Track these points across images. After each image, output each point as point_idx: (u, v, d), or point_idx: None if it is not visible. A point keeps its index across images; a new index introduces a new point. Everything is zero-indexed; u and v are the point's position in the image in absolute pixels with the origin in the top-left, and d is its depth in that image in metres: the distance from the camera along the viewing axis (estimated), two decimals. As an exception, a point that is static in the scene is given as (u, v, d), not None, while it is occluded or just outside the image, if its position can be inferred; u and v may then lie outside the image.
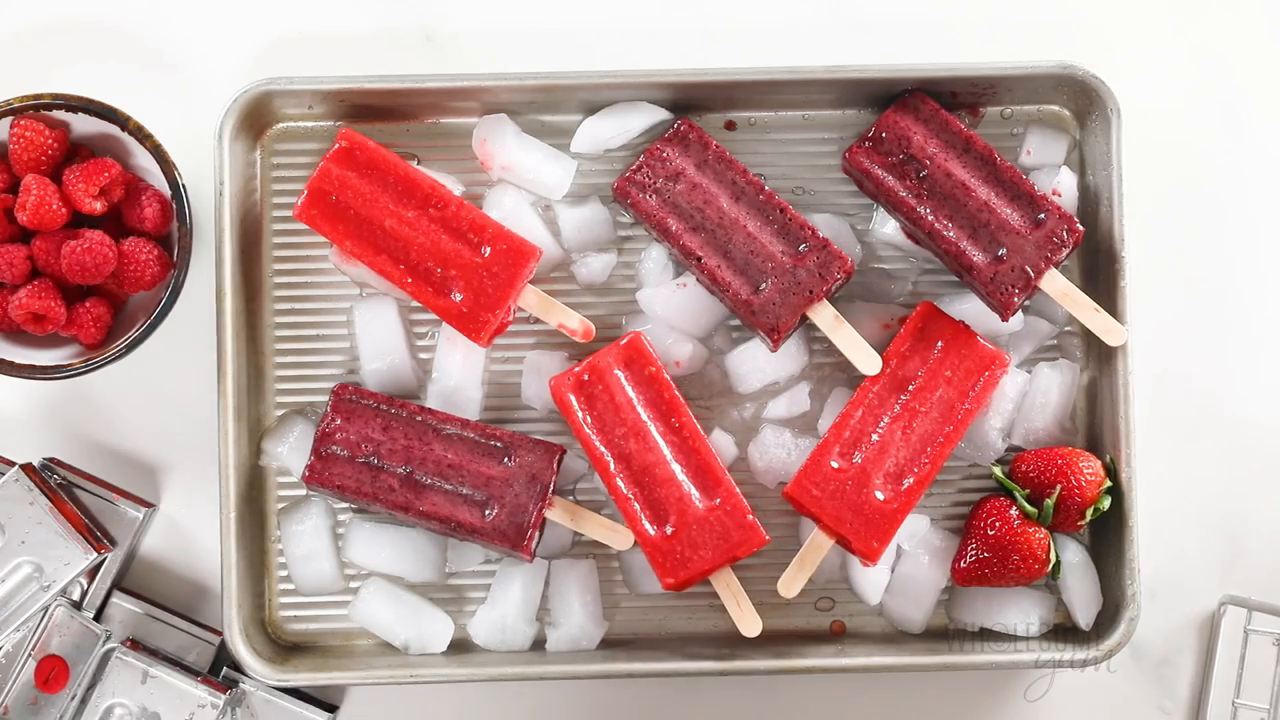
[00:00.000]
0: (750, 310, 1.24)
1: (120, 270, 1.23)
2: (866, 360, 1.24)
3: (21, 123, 1.23)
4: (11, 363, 1.23)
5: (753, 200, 1.26)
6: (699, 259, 1.25)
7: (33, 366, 1.23)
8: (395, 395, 1.28)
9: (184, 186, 1.22)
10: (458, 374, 1.28)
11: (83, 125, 1.25)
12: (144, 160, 1.25)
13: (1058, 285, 1.25)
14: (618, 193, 1.27)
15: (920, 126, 1.27)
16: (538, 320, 1.28)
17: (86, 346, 1.25)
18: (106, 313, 1.25)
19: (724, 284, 1.25)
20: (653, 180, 1.27)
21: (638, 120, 1.29)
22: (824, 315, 1.25)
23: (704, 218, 1.26)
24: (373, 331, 1.28)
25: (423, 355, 1.30)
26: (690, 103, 1.30)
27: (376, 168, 1.25)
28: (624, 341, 1.26)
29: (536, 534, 1.23)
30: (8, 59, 1.32)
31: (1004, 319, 1.25)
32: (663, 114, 1.29)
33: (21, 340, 1.26)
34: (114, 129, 1.24)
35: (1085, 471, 1.25)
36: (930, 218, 1.25)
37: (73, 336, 1.25)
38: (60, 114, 1.24)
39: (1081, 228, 1.25)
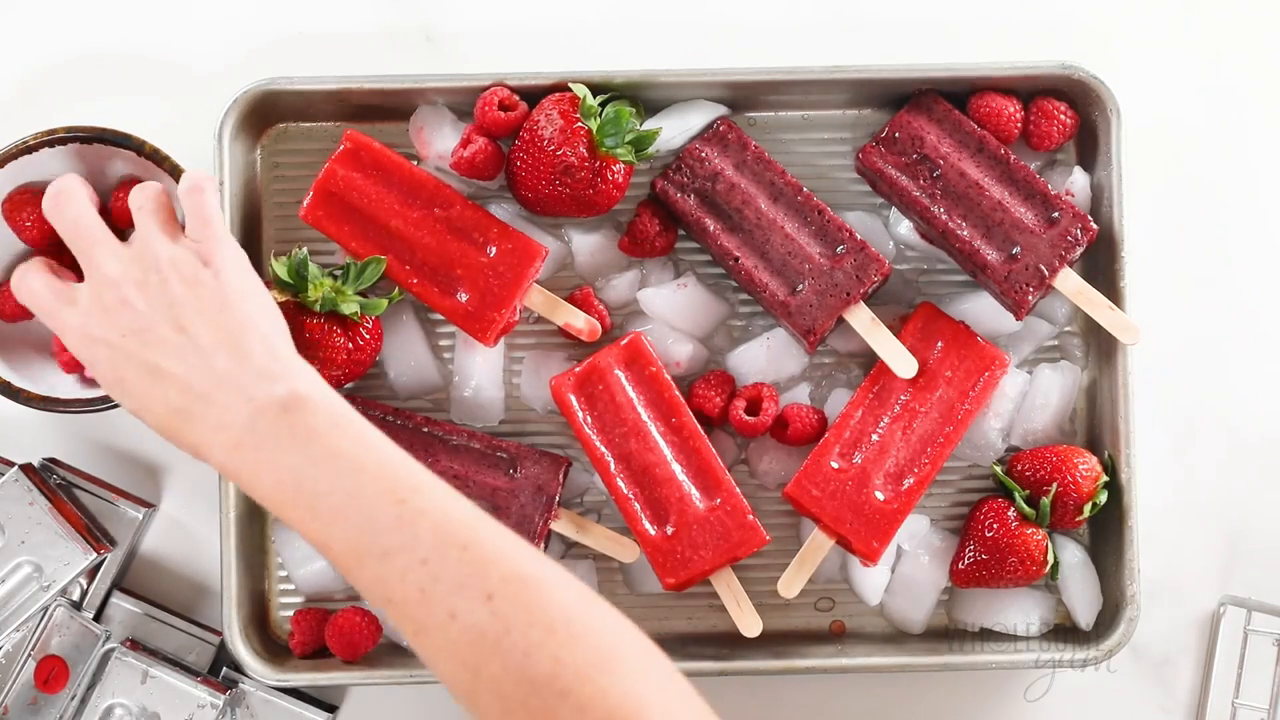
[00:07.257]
0: (787, 312, 1.24)
1: None
2: (902, 364, 1.24)
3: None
4: (60, 399, 1.22)
5: (791, 201, 1.26)
6: (736, 259, 1.25)
7: (79, 401, 1.22)
8: (424, 400, 1.29)
9: None
10: (478, 374, 1.28)
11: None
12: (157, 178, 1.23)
13: (1071, 284, 1.25)
14: (659, 193, 1.27)
15: (933, 127, 1.27)
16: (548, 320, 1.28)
17: None
18: None
19: (760, 285, 1.25)
20: (692, 180, 1.26)
21: (697, 119, 1.28)
22: (861, 318, 1.25)
23: (742, 218, 1.26)
24: (394, 338, 1.28)
25: (445, 355, 1.30)
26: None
27: (381, 168, 1.24)
28: (624, 341, 1.26)
29: (542, 546, 1.23)
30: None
31: (1018, 318, 1.25)
32: (719, 109, 1.29)
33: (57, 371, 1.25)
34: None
35: (1081, 468, 1.25)
36: (944, 217, 1.25)
37: None
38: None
39: (1095, 226, 1.25)
